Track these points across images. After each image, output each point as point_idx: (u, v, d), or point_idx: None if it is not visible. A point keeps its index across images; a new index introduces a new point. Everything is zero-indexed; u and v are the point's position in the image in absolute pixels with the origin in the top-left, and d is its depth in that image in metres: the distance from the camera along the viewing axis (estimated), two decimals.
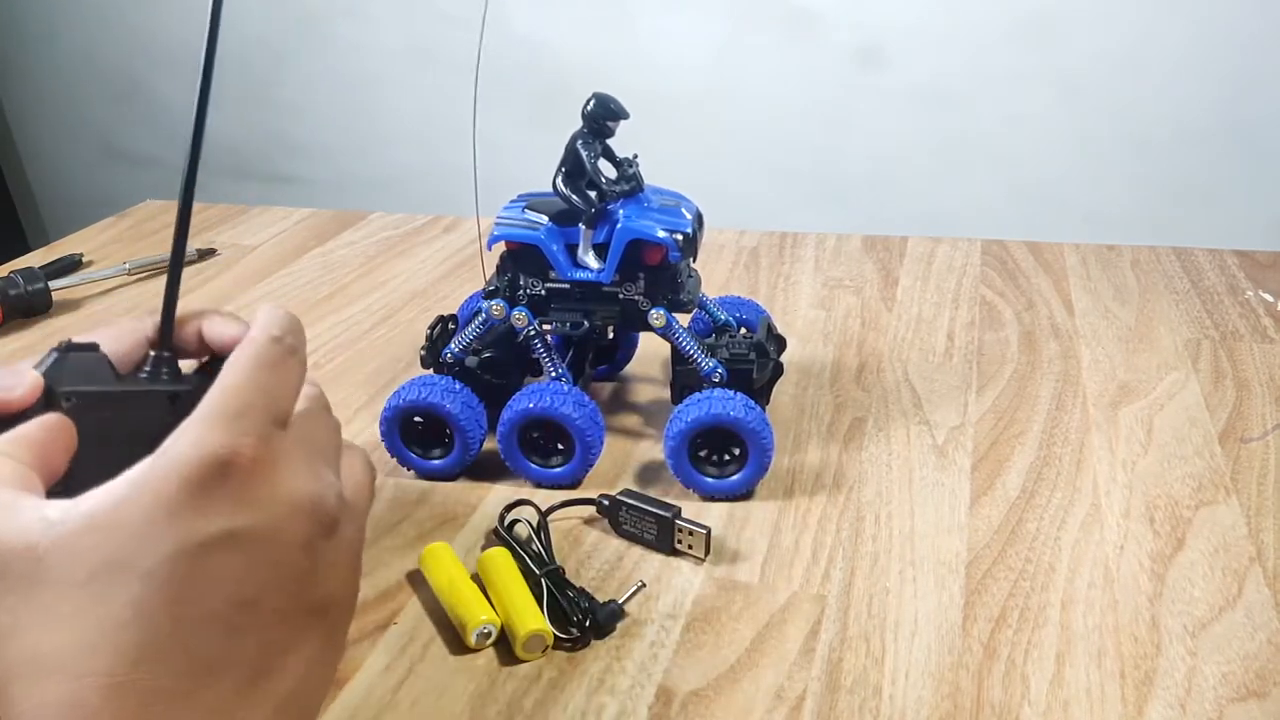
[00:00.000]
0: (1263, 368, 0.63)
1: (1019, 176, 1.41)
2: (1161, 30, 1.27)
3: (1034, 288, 0.76)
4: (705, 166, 1.48)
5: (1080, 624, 0.43)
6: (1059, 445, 0.56)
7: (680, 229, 0.51)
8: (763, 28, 1.43)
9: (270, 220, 0.98)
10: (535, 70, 1.54)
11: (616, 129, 0.51)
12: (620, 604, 0.44)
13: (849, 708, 0.39)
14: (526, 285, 0.53)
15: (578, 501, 0.51)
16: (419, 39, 1.60)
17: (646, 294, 0.52)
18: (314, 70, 1.71)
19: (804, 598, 0.45)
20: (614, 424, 0.59)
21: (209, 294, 0.81)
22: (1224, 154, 1.32)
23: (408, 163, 1.71)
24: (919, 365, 0.65)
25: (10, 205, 2.06)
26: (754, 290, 0.77)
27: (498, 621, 0.43)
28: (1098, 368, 0.64)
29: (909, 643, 0.43)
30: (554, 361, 0.54)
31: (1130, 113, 1.33)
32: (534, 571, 0.45)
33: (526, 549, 0.47)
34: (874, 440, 0.57)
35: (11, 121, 2.00)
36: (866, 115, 1.44)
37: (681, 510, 0.48)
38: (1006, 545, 0.48)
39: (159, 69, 1.81)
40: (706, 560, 0.48)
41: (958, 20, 1.34)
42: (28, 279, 0.76)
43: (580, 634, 0.43)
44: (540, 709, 0.40)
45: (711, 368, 0.53)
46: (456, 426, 0.52)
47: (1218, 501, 0.51)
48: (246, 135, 1.81)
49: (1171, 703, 0.39)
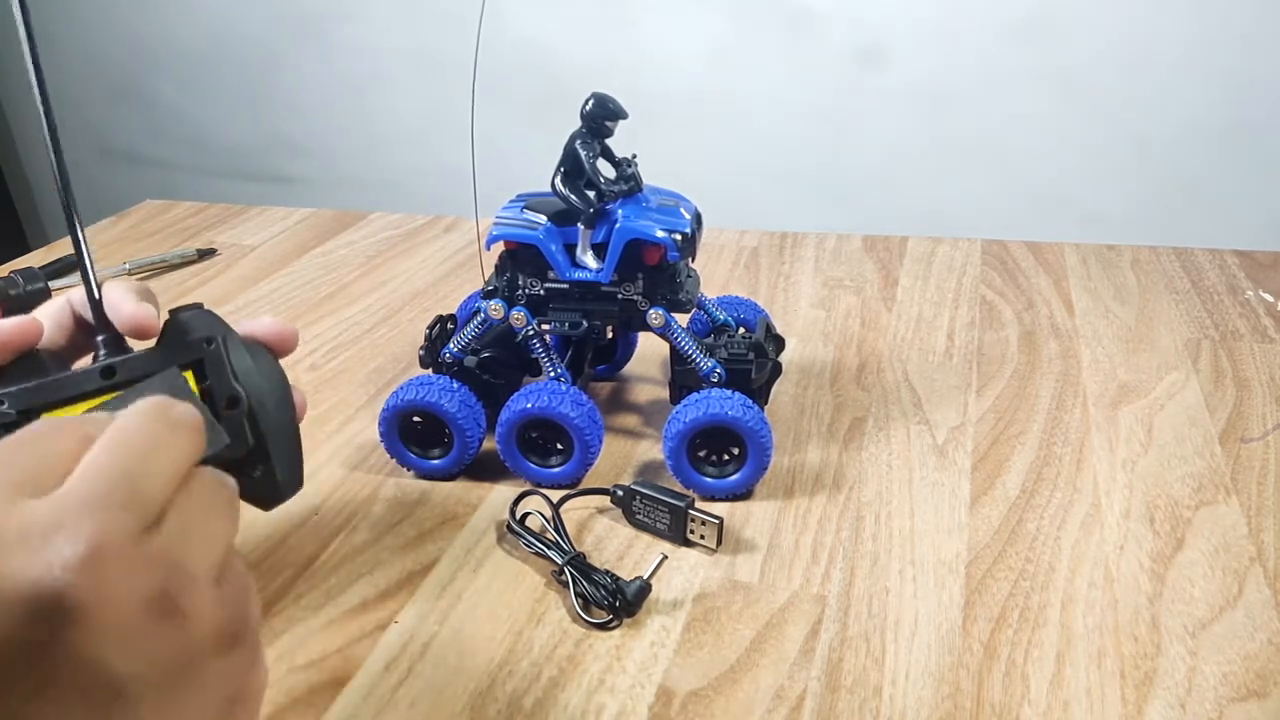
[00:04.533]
0: (1263, 368, 0.63)
1: (1019, 176, 1.41)
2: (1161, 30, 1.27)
3: (1034, 288, 0.76)
4: (705, 166, 1.48)
5: (1080, 624, 0.43)
6: (1059, 445, 0.56)
7: (679, 229, 0.51)
8: (763, 28, 1.43)
9: (270, 220, 0.98)
10: (534, 70, 1.54)
11: (615, 129, 0.51)
12: (646, 579, 0.45)
13: (849, 708, 0.39)
14: (525, 285, 0.53)
15: (591, 491, 0.52)
16: (419, 39, 1.60)
17: (645, 294, 0.52)
18: (314, 71, 1.71)
19: (804, 598, 0.45)
20: (613, 424, 0.59)
21: (209, 294, 0.81)
22: (1224, 154, 1.32)
23: (408, 163, 1.71)
24: (919, 365, 0.65)
25: (10, 205, 2.06)
26: (754, 290, 0.77)
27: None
28: (1098, 368, 0.64)
29: (909, 643, 0.42)
30: (553, 361, 0.54)
31: (1130, 113, 1.33)
32: (555, 562, 0.46)
33: (542, 540, 0.47)
34: (874, 440, 0.57)
35: (11, 121, 2.00)
36: (866, 115, 1.44)
37: (695, 500, 0.49)
38: (1006, 545, 0.48)
39: (159, 69, 1.81)
40: (716, 552, 0.48)
41: (958, 20, 1.34)
42: (28, 279, 0.76)
43: (613, 614, 0.44)
44: (540, 709, 0.40)
45: (710, 368, 0.53)
46: (455, 426, 0.52)
47: (1218, 501, 0.51)
48: (246, 135, 1.81)
49: (1171, 703, 0.39)
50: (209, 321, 0.32)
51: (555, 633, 0.44)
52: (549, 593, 0.46)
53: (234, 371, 0.31)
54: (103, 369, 0.30)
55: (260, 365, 0.32)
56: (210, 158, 1.87)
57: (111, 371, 0.30)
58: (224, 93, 1.79)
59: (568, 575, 0.45)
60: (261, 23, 1.69)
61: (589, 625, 0.44)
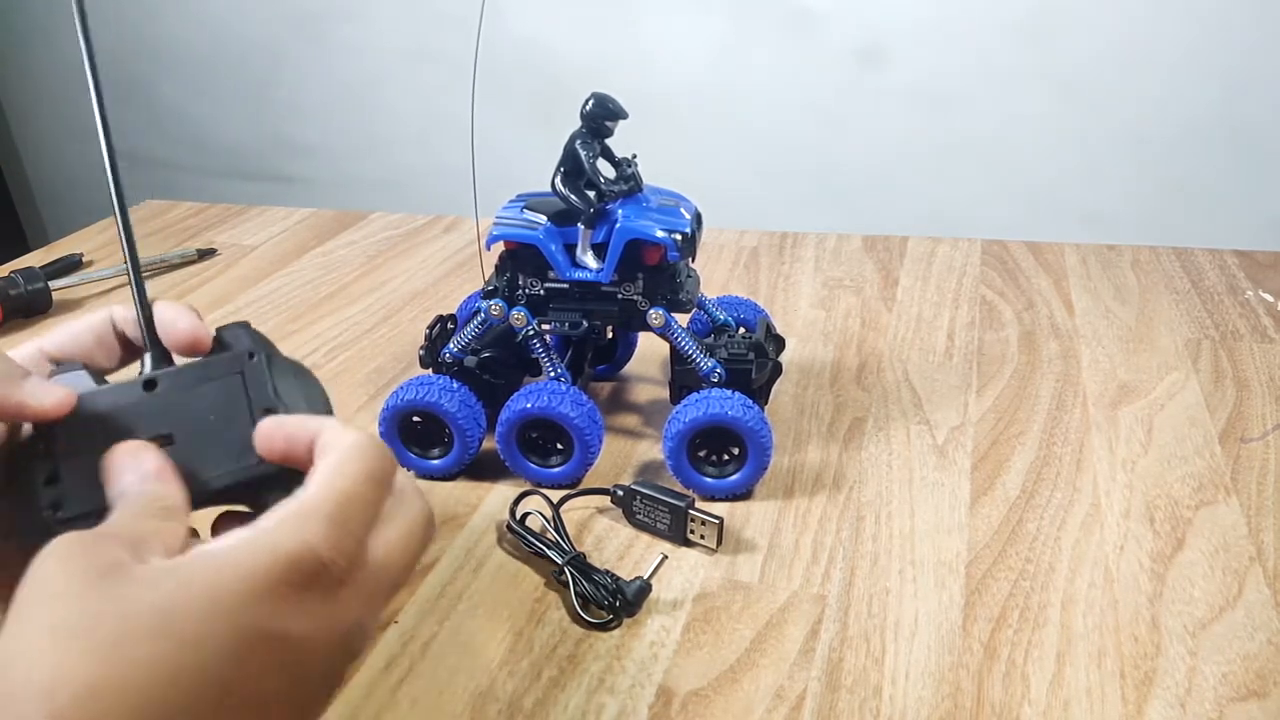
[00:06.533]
0: (1263, 368, 0.63)
1: (1019, 176, 1.41)
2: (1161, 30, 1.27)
3: (1034, 288, 0.76)
4: (705, 166, 1.48)
5: (1080, 624, 0.43)
6: (1059, 445, 0.56)
7: (679, 229, 0.51)
8: (763, 28, 1.43)
9: (270, 220, 0.98)
10: (534, 70, 1.54)
11: (615, 129, 0.51)
12: (647, 579, 0.45)
13: (849, 708, 0.39)
14: (525, 285, 0.53)
15: (591, 491, 0.52)
16: (419, 39, 1.60)
17: (645, 294, 0.52)
18: (314, 71, 1.71)
19: (804, 598, 0.45)
20: (613, 424, 0.59)
21: (209, 294, 0.81)
22: (1224, 154, 1.32)
23: (408, 163, 1.71)
24: (919, 365, 0.65)
25: (10, 205, 2.06)
26: (754, 290, 0.77)
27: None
28: (1098, 368, 0.64)
29: (909, 643, 0.43)
30: (553, 361, 0.54)
31: (1130, 113, 1.33)
32: (555, 561, 0.46)
33: (542, 540, 0.47)
34: (874, 440, 0.57)
35: (11, 121, 2.00)
36: (867, 115, 1.44)
37: (695, 500, 0.49)
38: (1006, 545, 0.48)
39: (159, 69, 1.81)
40: (717, 552, 0.48)
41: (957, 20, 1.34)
42: (28, 279, 0.76)
43: (613, 614, 0.44)
44: (540, 709, 0.40)
45: (710, 367, 0.53)
46: (455, 426, 0.52)
47: (1218, 501, 0.51)
48: (246, 135, 1.81)
49: (1171, 702, 0.39)
50: (253, 338, 0.32)
51: (555, 633, 0.44)
52: (549, 593, 0.46)
53: (275, 388, 0.31)
54: (145, 381, 0.31)
55: (302, 384, 0.32)
56: (211, 158, 1.87)
57: (153, 384, 0.31)
58: (225, 93, 1.79)
59: (568, 575, 0.45)
60: (262, 23, 1.69)
61: (589, 625, 0.44)
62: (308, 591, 0.26)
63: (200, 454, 0.30)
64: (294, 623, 0.26)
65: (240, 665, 0.25)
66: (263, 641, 0.25)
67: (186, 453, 0.30)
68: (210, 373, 0.31)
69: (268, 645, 0.25)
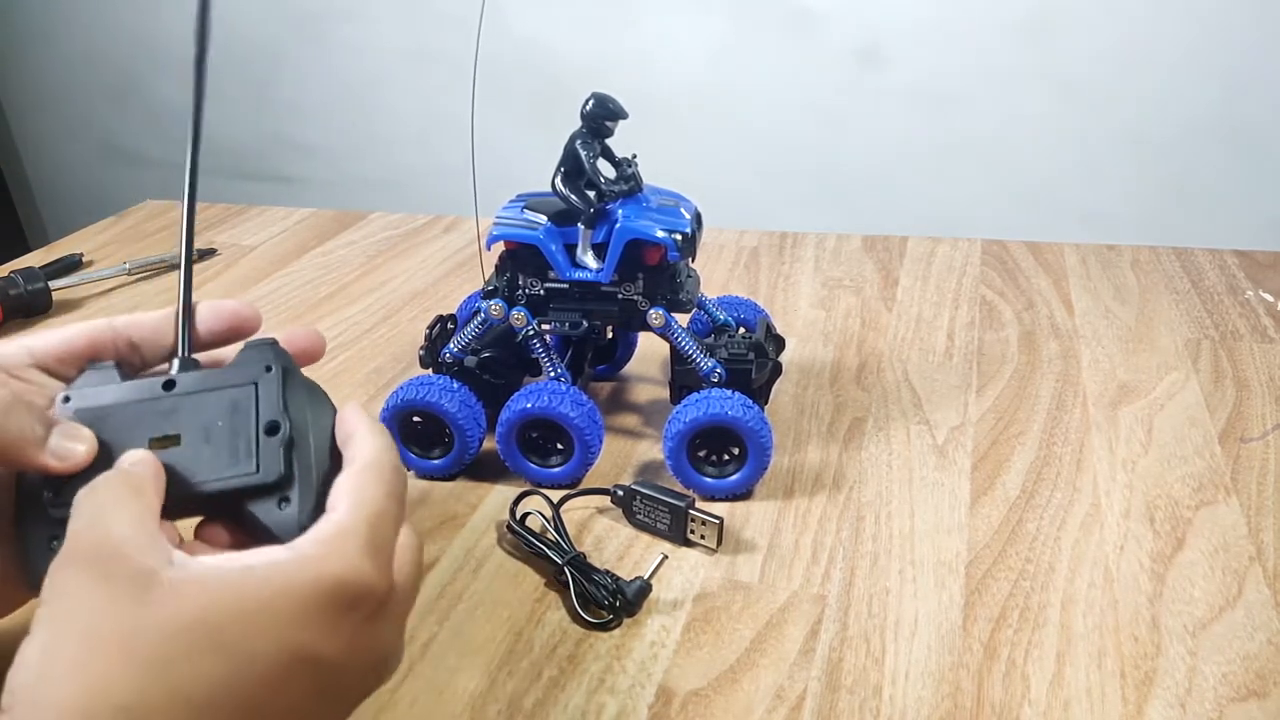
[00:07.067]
0: (1263, 368, 0.63)
1: (1019, 176, 1.41)
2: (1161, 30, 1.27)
3: (1034, 288, 0.76)
4: (705, 166, 1.48)
5: (1080, 624, 0.43)
6: (1059, 445, 0.56)
7: (679, 229, 0.51)
8: (763, 28, 1.43)
9: (270, 220, 0.98)
10: (534, 70, 1.54)
11: (615, 129, 0.51)
12: (647, 579, 0.45)
13: (849, 708, 0.39)
14: (525, 285, 0.53)
15: (591, 491, 0.52)
16: (419, 39, 1.60)
17: (645, 294, 0.52)
18: (314, 71, 1.71)
19: (804, 598, 0.45)
20: (613, 424, 0.59)
21: (209, 294, 0.81)
22: (1224, 154, 1.32)
23: (408, 163, 1.71)
24: (919, 365, 0.65)
25: (10, 205, 2.06)
26: (754, 290, 0.77)
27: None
28: (1098, 368, 0.64)
29: (909, 643, 0.43)
30: (553, 361, 0.54)
31: (1130, 113, 1.33)
32: (555, 561, 0.46)
33: (543, 539, 0.47)
34: (874, 440, 0.57)
35: (11, 121, 2.00)
36: (866, 115, 1.44)
37: (695, 500, 0.49)
38: (1006, 545, 0.48)
39: (159, 69, 1.81)
40: (717, 552, 0.48)
41: (957, 20, 1.34)
42: (28, 279, 0.76)
43: (613, 614, 0.44)
44: (540, 709, 0.40)
45: (710, 368, 0.53)
46: (455, 426, 0.52)
47: (1218, 501, 0.51)
48: (246, 135, 1.81)
49: (1171, 702, 0.39)
50: (275, 353, 0.33)
51: (555, 633, 0.44)
52: (549, 593, 0.46)
53: (285, 403, 0.32)
54: (165, 381, 0.32)
55: (313, 403, 0.33)
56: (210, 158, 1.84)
57: (172, 385, 0.32)
58: (224, 93, 1.79)
59: (568, 575, 0.45)
60: (262, 23, 1.69)
61: (589, 625, 0.44)
62: (351, 613, 0.26)
63: (200, 457, 0.31)
64: (334, 646, 0.26)
65: (281, 688, 0.24)
66: (306, 664, 0.25)
67: (188, 454, 0.31)
68: (228, 380, 0.32)
69: (311, 668, 0.25)
